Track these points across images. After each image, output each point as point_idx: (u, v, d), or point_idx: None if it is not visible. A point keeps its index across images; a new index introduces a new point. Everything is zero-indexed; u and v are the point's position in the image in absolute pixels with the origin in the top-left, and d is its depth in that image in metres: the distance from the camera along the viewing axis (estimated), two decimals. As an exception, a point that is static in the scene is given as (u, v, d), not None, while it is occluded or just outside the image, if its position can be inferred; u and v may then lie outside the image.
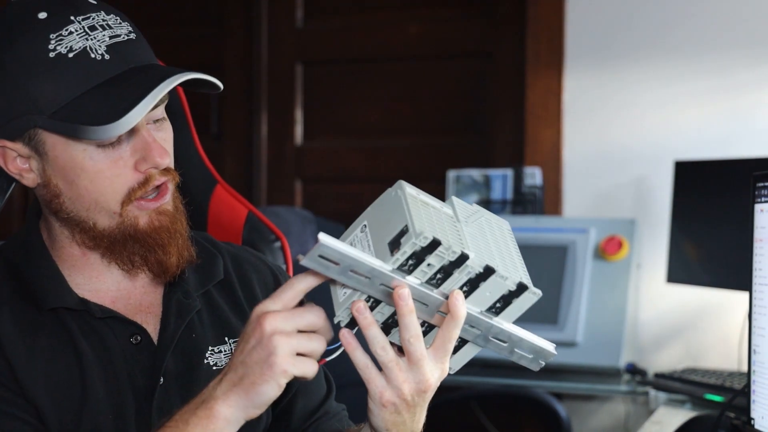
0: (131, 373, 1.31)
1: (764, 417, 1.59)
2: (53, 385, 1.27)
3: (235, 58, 3.63)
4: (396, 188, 1.14)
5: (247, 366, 1.12)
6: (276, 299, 1.12)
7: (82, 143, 1.27)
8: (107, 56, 1.26)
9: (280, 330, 1.10)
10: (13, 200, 3.17)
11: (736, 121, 2.87)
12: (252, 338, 1.11)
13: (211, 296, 1.41)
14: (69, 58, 1.25)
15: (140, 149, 1.29)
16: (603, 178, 3.02)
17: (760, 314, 1.59)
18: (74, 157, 1.28)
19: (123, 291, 1.36)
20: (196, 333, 1.37)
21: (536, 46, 3.10)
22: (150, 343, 1.33)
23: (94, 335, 1.31)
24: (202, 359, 1.36)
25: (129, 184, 1.29)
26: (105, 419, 1.28)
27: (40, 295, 1.31)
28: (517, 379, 2.66)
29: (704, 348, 2.84)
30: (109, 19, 1.29)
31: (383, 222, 1.12)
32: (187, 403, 1.17)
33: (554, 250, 2.76)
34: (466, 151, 3.35)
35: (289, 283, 1.13)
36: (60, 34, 1.25)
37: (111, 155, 1.28)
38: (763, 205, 1.59)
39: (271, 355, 1.10)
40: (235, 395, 1.13)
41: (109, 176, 1.28)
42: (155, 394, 1.31)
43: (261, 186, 3.61)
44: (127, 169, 1.29)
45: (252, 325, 1.12)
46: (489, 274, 1.11)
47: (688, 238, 2.64)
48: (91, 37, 1.26)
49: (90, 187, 1.28)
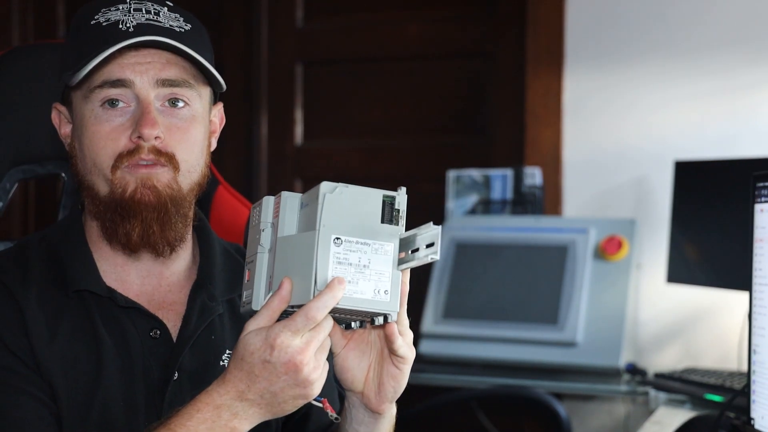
0: (147, 365, 1.34)
1: (764, 417, 1.60)
2: (69, 368, 1.30)
3: (235, 58, 3.63)
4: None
5: (277, 396, 1.17)
6: (296, 331, 1.15)
7: (92, 102, 1.34)
8: (131, 29, 1.33)
9: (315, 367, 1.16)
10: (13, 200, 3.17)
11: (736, 122, 2.87)
12: (284, 375, 1.15)
13: (235, 304, 1.44)
14: (102, 26, 1.33)
15: (138, 118, 1.34)
16: (603, 178, 3.02)
17: (760, 314, 1.59)
18: (84, 116, 1.35)
19: (147, 287, 1.39)
20: (216, 335, 1.40)
21: (536, 46, 3.10)
22: (169, 339, 1.36)
23: (115, 324, 1.34)
24: (219, 361, 1.39)
25: (119, 149, 1.33)
26: (116, 406, 1.30)
27: (69, 277, 1.35)
28: (517, 379, 2.66)
29: (704, 348, 2.84)
30: (162, 10, 1.37)
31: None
32: (196, 407, 1.19)
33: (554, 250, 2.76)
34: (466, 151, 3.35)
35: (305, 313, 1.15)
36: (109, 9, 1.35)
37: (112, 119, 1.34)
38: (763, 205, 1.60)
39: (307, 388, 1.16)
40: (259, 415, 1.19)
41: (103, 137, 1.33)
42: (168, 388, 1.33)
43: (261, 186, 3.61)
44: (123, 135, 1.34)
45: (282, 360, 1.15)
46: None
47: (688, 238, 2.64)
48: (130, 15, 1.34)
49: (90, 146, 1.34)
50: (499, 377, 2.67)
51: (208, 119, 1.44)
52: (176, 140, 1.35)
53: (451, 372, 2.67)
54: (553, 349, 2.67)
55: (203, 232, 1.48)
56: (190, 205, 1.41)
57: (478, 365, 2.71)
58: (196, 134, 1.38)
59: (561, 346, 2.66)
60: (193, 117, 1.38)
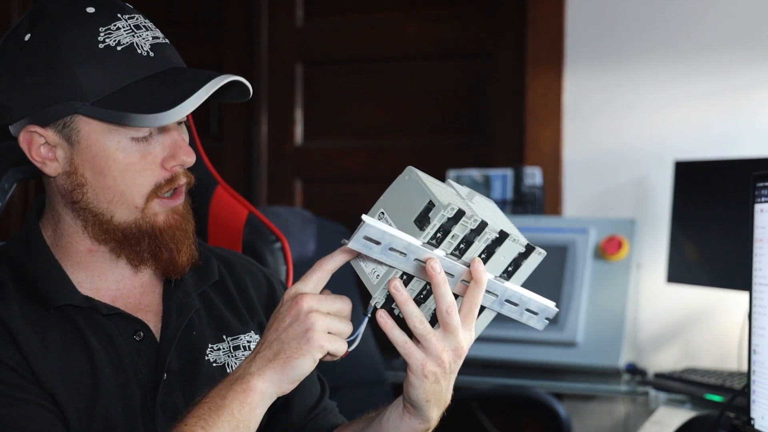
0: (136, 368, 1.34)
1: (764, 417, 1.59)
2: (67, 378, 1.29)
3: (235, 58, 3.63)
4: (407, 173, 1.23)
5: (283, 342, 1.18)
6: (307, 281, 1.21)
7: (118, 134, 1.31)
8: (151, 53, 1.31)
9: (316, 308, 1.18)
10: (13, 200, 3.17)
11: (736, 122, 2.87)
12: (288, 316, 1.19)
13: (208, 296, 1.45)
14: (117, 50, 1.30)
15: (169, 147, 1.34)
16: (603, 178, 3.02)
17: (760, 314, 1.59)
18: (107, 148, 1.31)
19: (122, 290, 1.39)
20: (197, 331, 1.41)
21: (536, 46, 3.10)
22: (152, 340, 1.36)
23: (101, 331, 1.34)
24: (203, 356, 1.39)
25: (156, 180, 1.33)
26: (115, 412, 1.31)
27: (46, 294, 1.33)
28: (517, 379, 2.67)
29: (704, 348, 2.84)
30: (147, 22, 1.34)
31: (402, 204, 1.20)
32: (221, 381, 1.22)
33: (554, 250, 2.76)
34: (466, 151, 3.35)
35: (318, 264, 1.21)
36: (109, 28, 1.31)
37: (142, 149, 1.32)
38: (763, 205, 1.59)
39: (309, 330, 1.17)
40: (271, 370, 1.19)
41: (138, 170, 1.32)
42: (159, 390, 1.33)
43: (261, 186, 3.61)
44: (155, 165, 1.33)
45: (287, 304, 1.20)
46: (504, 238, 1.19)
47: (688, 238, 2.64)
48: (137, 35, 1.32)
49: (119, 178, 1.32)
50: (499, 377, 2.67)
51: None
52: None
53: (451, 372, 2.67)
54: (553, 349, 2.67)
55: None
56: None
57: (478, 365, 2.71)
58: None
59: (561, 346, 2.66)
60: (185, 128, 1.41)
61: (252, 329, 1.46)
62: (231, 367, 1.41)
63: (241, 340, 1.44)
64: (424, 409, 1.24)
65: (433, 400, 1.23)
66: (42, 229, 1.39)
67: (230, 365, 1.41)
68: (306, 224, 2.82)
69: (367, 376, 2.72)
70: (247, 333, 1.45)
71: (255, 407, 1.19)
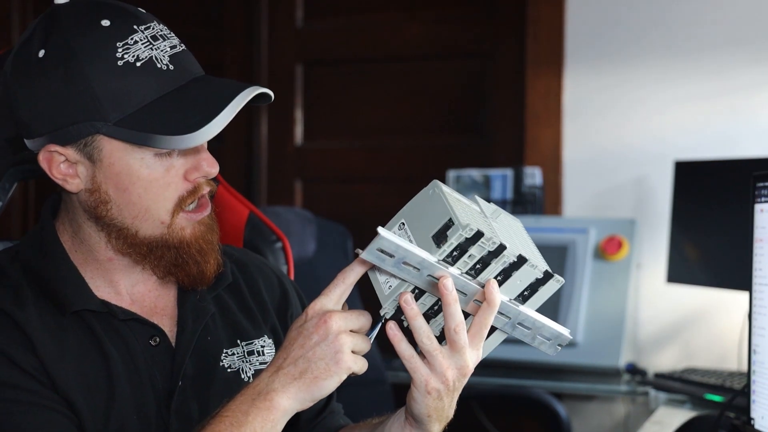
0: (151, 374, 1.33)
1: (764, 417, 1.59)
2: (84, 384, 1.28)
3: (235, 58, 3.63)
4: (432, 187, 1.21)
5: (309, 360, 1.17)
6: (330, 295, 1.19)
7: (141, 151, 1.28)
8: (171, 66, 1.29)
9: (344, 329, 1.17)
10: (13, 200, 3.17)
11: (736, 122, 2.87)
12: (315, 334, 1.17)
13: (222, 299, 1.44)
14: (137, 66, 1.27)
15: (191, 158, 1.32)
16: (603, 178, 3.02)
17: (760, 314, 1.59)
18: (131, 165, 1.29)
19: (137, 294, 1.38)
20: (211, 336, 1.39)
21: (536, 46, 3.10)
22: (168, 345, 1.35)
23: (117, 337, 1.33)
24: (218, 362, 1.38)
25: (179, 193, 1.31)
26: (130, 419, 1.30)
27: (62, 299, 1.31)
28: (517, 379, 2.67)
29: (704, 348, 2.84)
30: (163, 29, 1.31)
31: (423, 218, 1.19)
32: (240, 393, 1.20)
33: (554, 250, 2.76)
34: (466, 151, 3.35)
35: (340, 277, 1.19)
36: (126, 42, 1.27)
37: (165, 164, 1.30)
38: (763, 205, 1.59)
39: (339, 353, 1.17)
40: (295, 388, 1.18)
41: (162, 185, 1.30)
42: (174, 396, 1.32)
43: (261, 186, 3.61)
44: (177, 178, 1.31)
45: (313, 321, 1.18)
46: (521, 263, 1.18)
47: (688, 238, 2.64)
48: (155, 47, 1.29)
49: (143, 194, 1.30)
50: (499, 377, 2.67)
51: None
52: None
53: (451, 372, 2.67)
54: (553, 349, 2.66)
55: None
56: None
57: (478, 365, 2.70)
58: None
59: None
60: None
61: (265, 333, 1.44)
62: (245, 372, 1.39)
63: (255, 345, 1.42)
64: (425, 423, 1.24)
65: (434, 415, 1.23)
66: (58, 232, 1.37)
67: (244, 370, 1.40)
68: (306, 224, 2.82)
69: (367, 375, 2.71)
70: (261, 338, 1.43)
71: (276, 424, 1.19)
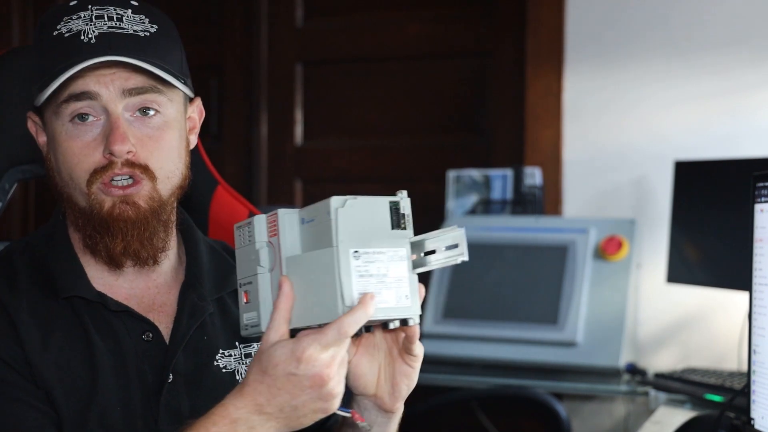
0: (141, 368, 1.33)
1: (764, 417, 1.59)
2: (65, 375, 1.29)
3: (235, 58, 3.63)
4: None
5: (297, 409, 1.15)
6: (327, 346, 1.13)
7: (61, 117, 1.33)
8: (93, 41, 1.31)
9: (339, 381, 1.15)
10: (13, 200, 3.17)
11: (736, 121, 2.87)
12: (309, 389, 1.14)
13: (225, 303, 1.44)
14: (65, 37, 1.32)
15: (104, 132, 1.32)
16: (603, 178, 3.02)
17: (760, 314, 1.59)
18: (56, 130, 1.35)
19: (136, 290, 1.39)
20: (208, 335, 1.40)
21: (536, 46, 3.10)
22: (161, 341, 1.36)
23: (108, 328, 1.34)
24: (212, 361, 1.39)
25: (94, 165, 1.32)
26: (113, 411, 1.30)
27: (59, 284, 1.34)
28: (517, 379, 2.66)
29: (704, 348, 2.84)
30: (125, 14, 1.33)
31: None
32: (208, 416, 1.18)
33: (554, 250, 2.76)
34: (466, 151, 3.35)
35: (339, 325, 1.12)
36: (71, 17, 1.32)
37: (83, 134, 1.33)
38: (763, 205, 1.59)
39: (329, 402, 1.15)
40: (276, 430, 1.17)
41: (77, 153, 1.33)
42: (163, 391, 1.32)
43: (261, 186, 3.61)
44: (95, 151, 1.32)
45: (308, 375, 1.13)
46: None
47: (688, 238, 2.64)
48: (92, 24, 1.32)
49: (63, 161, 1.34)
50: (499, 377, 2.67)
51: (184, 120, 1.40)
52: (149, 150, 1.33)
53: (451, 372, 2.67)
54: (553, 349, 2.67)
55: (188, 231, 1.47)
56: (172, 210, 1.40)
57: (478, 365, 2.71)
58: (171, 140, 1.36)
59: (561, 346, 2.66)
60: (166, 123, 1.35)
61: None
62: (240, 374, 1.39)
63: (253, 348, 1.43)
64: (407, 395, 1.30)
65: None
66: (69, 228, 1.41)
67: (240, 372, 1.40)
68: (306, 224, 2.81)
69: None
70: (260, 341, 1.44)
71: None
